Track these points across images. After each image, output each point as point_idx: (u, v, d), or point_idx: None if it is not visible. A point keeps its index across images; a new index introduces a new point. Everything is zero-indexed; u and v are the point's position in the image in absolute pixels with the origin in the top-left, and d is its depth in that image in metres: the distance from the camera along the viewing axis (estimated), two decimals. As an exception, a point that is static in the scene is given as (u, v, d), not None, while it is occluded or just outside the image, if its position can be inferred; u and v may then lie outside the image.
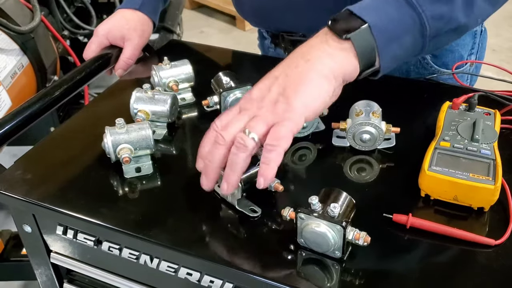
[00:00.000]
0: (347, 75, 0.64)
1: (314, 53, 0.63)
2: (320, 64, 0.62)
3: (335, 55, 0.62)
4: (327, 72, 0.62)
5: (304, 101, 0.61)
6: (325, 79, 0.62)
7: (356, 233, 0.58)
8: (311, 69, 0.62)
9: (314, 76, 0.61)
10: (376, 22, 0.62)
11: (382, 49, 0.63)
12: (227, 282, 0.63)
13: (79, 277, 0.79)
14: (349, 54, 0.62)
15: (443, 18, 0.64)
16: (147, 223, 0.66)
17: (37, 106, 0.85)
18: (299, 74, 0.62)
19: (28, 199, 0.69)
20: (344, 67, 0.63)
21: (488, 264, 0.60)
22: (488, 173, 0.65)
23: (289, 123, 0.59)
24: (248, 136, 0.59)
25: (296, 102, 0.60)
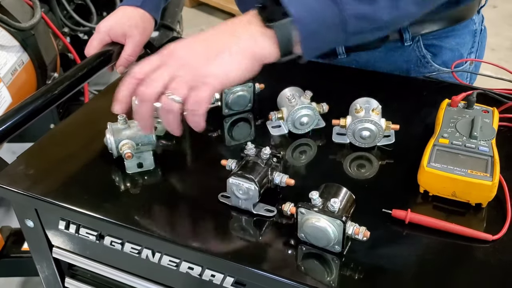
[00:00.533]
0: (266, 58, 0.67)
1: (240, 31, 0.67)
2: (243, 41, 0.66)
3: (257, 38, 0.66)
4: (248, 50, 0.66)
5: (223, 69, 0.65)
6: (245, 56, 0.66)
7: (356, 228, 0.59)
8: (234, 44, 0.66)
9: (236, 50, 0.65)
10: (300, 16, 0.65)
11: (304, 41, 0.66)
12: (228, 276, 0.64)
13: (81, 272, 0.80)
14: (270, 41, 0.66)
15: (366, 18, 0.66)
16: (149, 218, 0.66)
17: (39, 103, 0.85)
18: (223, 45, 0.66)
19: (31, 194, 0.70)
20: (263, 50, 0.66)
21: (485, 259, 0.61)
22: (486, 169, 0.66)
23: (207, 87, 0.64)
24: (171, 98, 0.64)
25: (216, 69, 0.65)
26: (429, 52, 0.97)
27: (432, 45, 0.97)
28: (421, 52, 0.97)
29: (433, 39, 0.97)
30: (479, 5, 1.00)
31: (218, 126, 0.84)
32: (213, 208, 0.68)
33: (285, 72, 0.95)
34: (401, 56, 0.98)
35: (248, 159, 0.67)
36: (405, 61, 0.98)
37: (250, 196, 0.64)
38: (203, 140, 0.82)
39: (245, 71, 0.66)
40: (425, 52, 0.97)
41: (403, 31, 0.94)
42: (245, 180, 0.64)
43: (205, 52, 0.66)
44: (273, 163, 0.67)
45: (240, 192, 0.65)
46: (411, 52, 0.97)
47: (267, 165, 0.67)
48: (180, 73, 0.65)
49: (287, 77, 0.95)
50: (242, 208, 0.66)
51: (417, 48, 0.97)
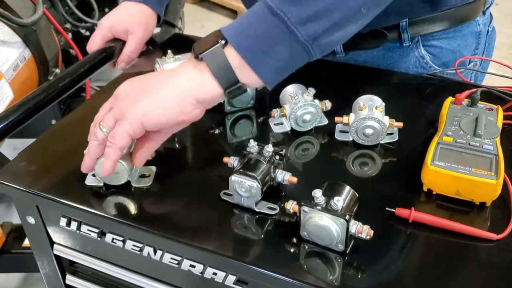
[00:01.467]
0: (202, 95, 0.63)
1: (179, 70, 0.64)
2: (177, 80, 0.63)
3: (191, 75, 0.63)
4: (178, 90, 0.63)
5: (146, 109, 0.62)
6: (175, 95, 0.62)
7: (359, 226, 0.59)
8: (167, 83, 0.63)
9: (166, 89, 0.63)
10: (238, 40, 0.61)
11: (255, 66, 0.61)
12: (230, 274, 0.63)
13: (82, 269, 0.80)
14: (204, 74, 0.62)
15: (312, 19, 0.59)
16: (151, 215, 0.66)
17: (41, 98, 0.85)
18: (156, 83, 0.64)
19: (32, 191, 0.70)
20: (197, 87, 0.62)
21: (489, 258, 0.60)
22: (491, 168, 0.65)
23: (125, 123, 0.63)
24: (99, 128, 0.65)
25: (138, 107, 0.62)
26: (428, 53, 0.96)
27: (432, 46, 0.96)
28: (420, 53, 0.96)
29: (433, 40, 0.96)
30: (484, 6, 0.98)
31: (220, 123, 0.83)
32: (215, 206, 0.67)
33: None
34: (400, 57, 0.97)
35: (251, 156, 0.67)
36: (403, 62, 0.98)
37: (253, 194, 0.64)
38: (205, 137, 0.82)
39: (172, 113, 0.63)
40: (425, 53, 0.96)
41: (402, 31, 0.93)
42: (248, 178, 0.64)
43: (138, 89, 0.64)
44: (275, 160, 0.67)
45: (242, 190, 0.64)
46: (410, 52, 0.96)
47: (270, 162, 0.66)
48: (113, 106, 0.65)
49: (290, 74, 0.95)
50: (244, 206, 0.66)
51: (416, 49, 0.96)
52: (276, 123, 0.82)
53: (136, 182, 0.71)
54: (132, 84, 0.65)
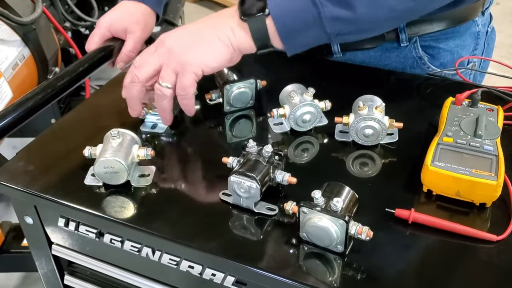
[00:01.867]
0: (243, 49, 0.74)
1: (221, 23, 0.73)
2: (222, 32, 0.72)
3: (235, 30, 0.72)
4: (225, 40, 0.72)
5: (203, 57, 0.72)
6: (224, 45, 0.72)
7: (359, 227, 0.58)
8: (214, 35, 0.72)
9: (215, 40, 0.72)
10: (277, 14, 0.70)
11: (284, 38, 0.71)
12: (229, 276, 0.63)
13: (81, 269, 0.79)
14: (246, 33, 0.72)
15: (343, 21, 0.70)
16: (150, 216, 0.66)
17: (40, 97, 0.84)
18: (204, 35, 0.73)
19: (30, 191, 0.69)
20: (239, 42, 0.73)
21: (489, 259, 0.60)
22: (491, 169, 0.65)
23: (189, 73, 0.72)
24: (163, 86, 0.72)
25: (196, 57, 0.72)
26: (426, 54, 0.96)
27: (429, 47, 0.95)
28: (418, 53, 0.96)
29: (430, 41, 0.95)
30: (483, 7, 0.98)
31: (219, 123, 0.83)
32: (214, 206, 0.67)
33: (287, 69, 0.94)
34: (397, 57, 0.96)
35: (250, 157, 0.66)
36: (401, 62, 0.97)
37: (252, 194, 0.64)
38: (204, 137, 0.81)
39: (223, 59, 0.73)
40: (422, 54, 0.96)
41: (399, 32, 0.93)
42: (247, 178, 0.63)
43: (189, 42, 0.73)
44: (275, 161, 0.67)
45: (242, 190, 0.64)
46: (407, 53, 0.96)
47: (269, 163, 0.66)
48: (167, 61, 0.72)
49: (289, 74, 0.95)
50: (243, 206, 0.65)
51: (414, 49, 0.95)
52: (275, 123, 0.81)
53: (136, 181, 0.70)
54: (180, 40, 0.73)
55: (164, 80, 0.72)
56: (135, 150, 0.70)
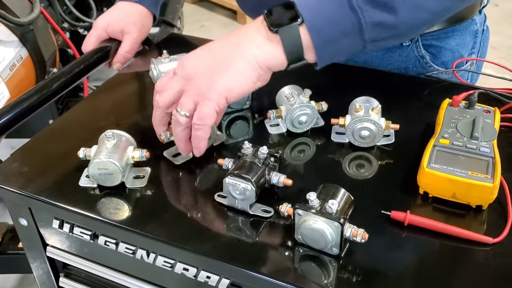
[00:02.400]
0: (273, 66, 0.66)
1: (245, 39, 0.65)
2: (248, 51, 0.65)
3: (262, 46, 0.64)
4: (252, 60, 0.64)
5: (226, 83, 0.64)
6: (250, 66, 0.65)
7: (354, 230, 0.58)
8: (238, 54, 0.65)
9: (240, 61, 0.64)
10: (314, 22, 0.63)
11: (320, 49, 0.64)
12: (223, 278, 0.63)
13: (75, 271, 0.79)
14: (276, 47, 0.64)
15: (384, 26, 0.64)
16: (144, 218, 0.65)
17: (35, 98, 0.84)
18: (228, 56, 0.65)
19: (24, 192, 0.69)
20: (269, 58, 0.65)
21: (485, 262, 0.59)
22: (487, 171, 0.64)
23: (210, 102, 0.64)
24: (180, 114, 0.66)
25: (218, 84, 0.64)
26: (428, 53, 0.96)
27: (431, 46, 0.96)
28: (420, 52, 0.96)
29: (432, 40, 0.96)
30: (481, 5, 0.98)
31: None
32: (209, 208, 0.67)
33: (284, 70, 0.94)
34: (400, 56, 0.96)
35: (245, 158, 0.66)
36: (403, 61, 0.97)
37: (247, 196, 0.63)
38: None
39: (250, 83, 0.65)
40: (424, 53, 0.96)
41: None
42: (242, 180, 0.63)
43: (211, 65, 0.65)
44: (270, 162, 0.66)
45: (237, 192, 0.64)
46: (409, 52, 0.96)
47: (264, 164, 0.65)
48: (187, 88, 0.66)
49: (286, 75, 0.94)
50: (239, 208, 0.65)
51: (416, 48, 0.95)
52: (272, 124, 0.81)
53: (130, 183, 0.70)
54: (200, 63, 0.66)
55: (182, 107, 0.66)
56: (130, 152, 0.70)
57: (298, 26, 0.63)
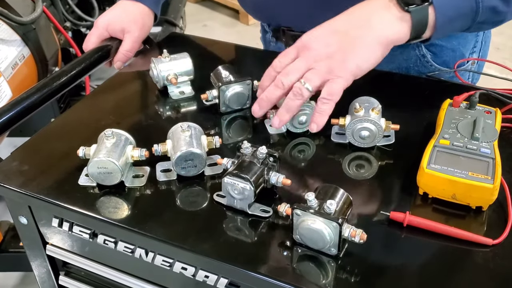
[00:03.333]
0: (398, 42, 0.71)
1: (377, 18, 0.69)
2: (380, 30, 0.69)
3: (394, 24, 0.69)
4: (383, 40, 0.69)
5: (358, 62, 0.69)
6: (380, 46, 0.69)
7: (352, 230, 0.58)
8: (370, 34, 0.69)
9: (372, 41, 0.69)
10: (440, 4, 0.69)
11: (439, 28, 0.70)
12: (222, 278, 0.63)
13: (75, 270, 0.79)
14: (406, 25, 0.69)
15: (496, 11, 0.71)
16: (143, 217, 0.65)
17: (36, 97, 0.85)
18: (359, 36, 0.69)
19: (24, 191, 0.69)
20: (398, 36, 0.70)
21: (485, 264, 0.59)
22: (487, 172, 0.64)
23: (341, 80, 0.68)
24: (305, 87, 0.68)
25: (351, 63, 0.68)
26: (429, 52, 0.96)
27: (432, 45, 0.95)
28: (421, 51, 0.95)
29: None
30: None
31: (215, 123, 0.82)
32: (208, 208, 0.66)
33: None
34: (401, 55, 0.96)
35: (244, 158, 0.66)
36: (404, 60, 0.97)
37: (246, 196, 0.63)
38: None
39: (377, 59, 0.70)
40: (425, 52, 0.96)
41: None
42: (241, 180, 0.63)
43: (339, 45, 0.69)
44: (269, 162, 0.66)
45: (236, 192, 0.64)
46: (410, 51, 0.96)
47: (263, 164, 0.65)
48: (316, 65, 0.69)
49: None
50: (237, 208, 0.65)
51: (417, 47, 0.95)
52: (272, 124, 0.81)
53: (130, 182, 0.70)
54: (330, 44, 0.69)
55: (309, 81, 0.69)
56: (129, 151, 0.70)
57: (429, 6, 0.68)
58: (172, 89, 0.89)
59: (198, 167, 0.69)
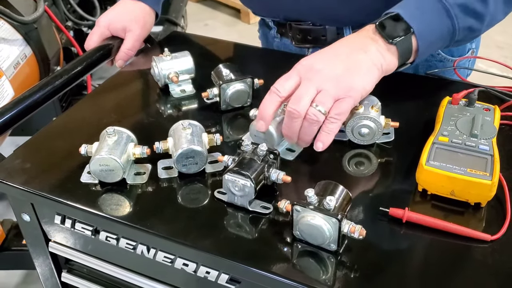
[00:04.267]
0: (389, 70, 0.75)
1: (371, 48, 0.73)
2: (376, 58, 0.73)
3: (384, 55, 0.73)
4: (379, 66, 0.73)
5: (363, 83, 0.71)
6: (377, 70, 0.72)
7: (352, 226, 0.58)
8: (369, 60, 0.72)
9: (372, 67, 0.72)
10: (421, 31, 0.73)
11: (421, 53, 0.75)
12: (223, 273, 0.63)
13: (78, 267, 0.80)
14: (394, 55, 0.74)
15: (471, 29, 0.75)
16: (145, 213, 0.66)
17: (38, 95, 0.86)
18: (360, 61, 0.72)
19: (27, 188, 0.70)
20: (389, 65, 0.74)
21: (483, 259, 0.60)
22: (486, 168, 0.65)
23: (351, 100, 0.70)
24: (318, 110, 0.69)
25: (358, 83, 0.71)
26: None
27: None
28: None
29: None
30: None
31: (216, 121, 0.83)
32: (209, 205, 0.67)
33: (284, 67, 0.94)
34: None
35: (245, 155, 0.66)
36: None
37: (246, 192, 0.64)
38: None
39: (374, 84, 0.73)
40: None
41: None
42: (241, 177, 0.63)
43: (344, 66, 0.71)
44: (269, 159, 0.67)
45: (236, 189, 0.64)
46: None
47: (264, 161, 0.66)
48: (325, 87, 0.70)
49: (286, 72, 0.95)
50: (238, 204, 0.66)
51: None
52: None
53: (131, 179, 0.71)
54: (335, 66, 0.71)
55: (322, 104, 0.69)
56: (131, 148, 0.71)
57: (411, 36, 0.73)
58: (173, 87, 0.90)
59: (199, 165, 0.70)
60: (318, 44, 0.99)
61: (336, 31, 0.96)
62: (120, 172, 0.68)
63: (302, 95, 0.69)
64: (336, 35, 0.97)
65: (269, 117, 0.71)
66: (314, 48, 1.01)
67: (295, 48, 1.03)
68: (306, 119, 0.69)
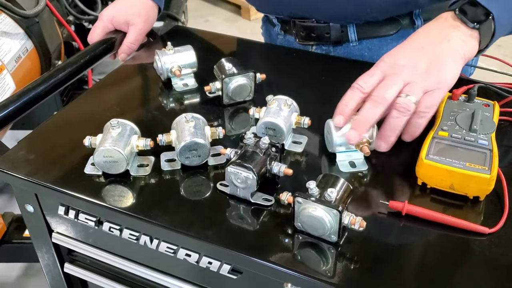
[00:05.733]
0: (470, 58, 0.73)
1: (454, 36, 0.71)
2: (460, 46, 0.71)
3: (467, 41, 0.72)
4: (463, 55, 0.71)
5: (451, 74, 0.70)
6: (462, 60, 0.71)
7: (352, 218, 0.59)
8: (453, 49, 0.71)
9: (457, 56, 0.71)
10: (498, 14, 0.71)
11: (495, 38, 0.73)
12: (225, 264, 0.64)
13: (80, 258, 0.81)
14: (476, 41, 0.72)
15: None
16: (148, 204, 0.67)
17: (41, 88, 0.86)
18: (445, 51, 0.71)
19: (31, 179, 0.70)
20: (472, 51, 0.72)
21: (481, 252, 0.61)
22: (485, 162, 0.65)
23: (440, 92, 0.69)
24: (409, 99, 0.67)
25: (447, 75, 0.70)
26: None
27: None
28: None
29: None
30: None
31: (218, 115, 0.84)
32: (211, 197, 0.68)
33: (286, 62, 0.95)
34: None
35: (247, 148, 0.67)
36: None
37: (248, 185, 0.65)
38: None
39: (459, 73, 0.71)
40: None
41: (415, 18, 0.95)
42: (243, 169, 0.64)
43: (429, 60, 0.70)
44: (271, 152, 0.68)
45: (238, 181, 0.65)
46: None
47: (266, 154, 0.67)
48: (414, 79, 0.69)
49: (288, 67, 0.95)
50: (240, 196, 0.66)
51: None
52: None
53: (135, 171, 0.72)
54: (419, 59, 0.70)
55: (414, 94, 0.68)
56: (134, 140, 0.72)
57: (492, 21, 0.71)
58: (175, 81, 0.90)
59: (202, 157, 0.71)
60: (322, 42, 1.00)
61: (340, 28, 0.97)
62: (124, 164, 0.69)
63: (389, 84, 0.68)
64: (340, 33, 0.97)
65: (349, 112, 0.69)
66: (318, 46, 1.01)
67: (298, 45, 1.03)
68: (396, 107, 0.68)
